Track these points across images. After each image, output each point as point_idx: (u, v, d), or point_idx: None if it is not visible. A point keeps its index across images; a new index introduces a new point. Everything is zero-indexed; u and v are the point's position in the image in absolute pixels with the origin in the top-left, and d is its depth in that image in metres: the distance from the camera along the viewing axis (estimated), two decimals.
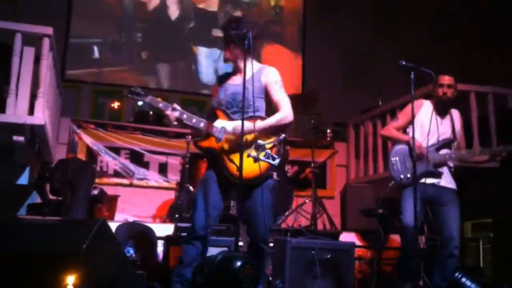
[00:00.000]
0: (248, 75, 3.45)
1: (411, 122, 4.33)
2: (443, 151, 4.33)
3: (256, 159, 3.40)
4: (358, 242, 5.82)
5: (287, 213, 6.32)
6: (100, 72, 8.41)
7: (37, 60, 4.95)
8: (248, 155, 3.42)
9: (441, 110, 4.42)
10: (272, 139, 3.49)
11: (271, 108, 3.66)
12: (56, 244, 2.52)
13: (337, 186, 7.82)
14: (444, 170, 4.33)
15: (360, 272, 5.45)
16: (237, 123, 3.42)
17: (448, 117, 4.44)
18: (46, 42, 4.97)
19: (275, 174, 5.97)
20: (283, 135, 3.52)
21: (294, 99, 6.68)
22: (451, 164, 4.39)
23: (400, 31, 9.77)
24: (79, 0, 8.48)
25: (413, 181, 3.82)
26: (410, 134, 4.32)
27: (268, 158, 3.40)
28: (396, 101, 6.61)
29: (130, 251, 4.58)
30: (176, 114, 3.55)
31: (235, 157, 3.42)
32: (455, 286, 4.00)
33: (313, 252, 4.31)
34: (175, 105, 3.60)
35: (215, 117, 3.60)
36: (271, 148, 3.47)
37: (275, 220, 5.97)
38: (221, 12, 9.12)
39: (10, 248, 2.53)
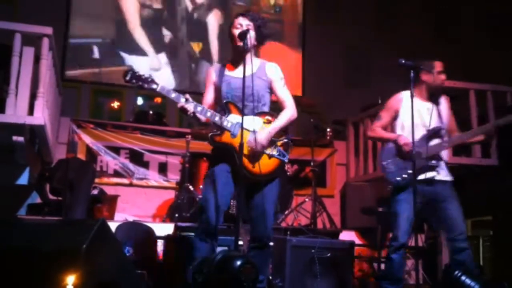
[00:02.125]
0: (254, 67, 3.50)
1: (395, 118, 4.23)
2: (434, 141, 4.11)
3: (270, 156, 3.51)
4: (358, 241, 5.82)
5: (287, 212, 6.32)
6: (100, 72, 8.41)
7: (36, 60, 4.95)
8: (263, 152, 3.50)
9: (435, 98, 4.18)
10: (283, 136, 3.59)
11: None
12: (57, 243, 2.53)
13: (337, 185, 7.81)
14: (440, 162, 4.12)
15: (359, 270, 5.45)
16: (261, 133, 3.49)
17: (435, 105, 4.20)
18: (45, 42, 4.97)
19: None
20: (290, 133, 3.63)
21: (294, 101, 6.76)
22: (445, 156, 4.17)
23: (400, 28, 9.76)
24: None
25: (413, 180, 3.73)
26: (397, 131, 4.20)
27: (280, 155, 3.52)
28: None
29: (130, 251, 4.58)
30: (191, 107, 3.42)
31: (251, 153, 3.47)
32: (454, 284, 3.98)
33: (313, 251, 4.32)
34: (188, 96, 3.45)
35: (225, 110, 3.54)
36: (281, 145, 3.58)
37: (275, 218, 5.98)
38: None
39: (11, 247, 2.53)
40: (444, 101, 4.28)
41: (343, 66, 9.56)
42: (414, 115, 3.96)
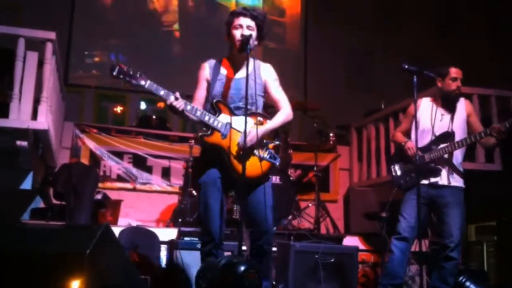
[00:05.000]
0: (249, 70, 3.32)
1: (412, 123, 4.26)
2: (442, 146, 4.14)
3: (261, 158, 3.43)
4: (361, 246, 5.80)
5: (290, 217, 6.31)
6: (103, 76, 8.42)
7: (40, 64, 4.96)
8: (254, 154, 3.41)
9: (450, 104, 4.22)
10: (275, 139, 3.51)
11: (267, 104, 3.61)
12: (61, 248, 2.52)
13: (340, 190, 7.81)
14: (447, 167, 4.13)
15: (363, 276, 5.43)
16: (252, 132, 3.34)
17: (451, 111, 4.23)
18: (49, 47, 4.98)
19: (278, 178, 6.03)
20: (283, 135, 3.50)
21: (298, 107, 6.75)
22: (457, 161, 4.19)
23: (402, 30, 9.77)
24: (81, 4, 8.52)
25: (415, 183, 3.82)
26: (412, 135, 4.25)
27: (271, 157, 3.45)
28: (399, 104, 6.59)
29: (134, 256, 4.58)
30: (181, 104, 3.27)
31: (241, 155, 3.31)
32: None
33: (316, 256, 4.31)
34: (178, 94, 3.29)
35: (215, 109, 3.42)
36: (273, 148, 3.49)
37: (279, 223, 5.96)
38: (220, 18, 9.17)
39: (15, 252, 2.53)
40: (462, 106, 4.27)
41: (346, 71, 9.56)
42: (426, 121, 4.18)
